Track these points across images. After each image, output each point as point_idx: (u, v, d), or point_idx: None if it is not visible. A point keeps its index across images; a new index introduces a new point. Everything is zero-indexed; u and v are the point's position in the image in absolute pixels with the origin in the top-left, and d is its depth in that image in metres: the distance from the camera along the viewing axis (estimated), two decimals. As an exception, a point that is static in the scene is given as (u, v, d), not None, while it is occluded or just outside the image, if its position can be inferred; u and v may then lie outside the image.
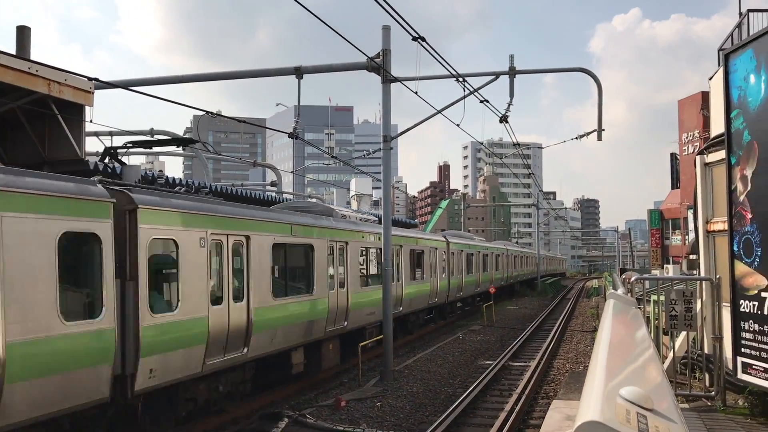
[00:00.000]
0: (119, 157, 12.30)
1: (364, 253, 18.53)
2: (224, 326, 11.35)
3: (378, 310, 18.11)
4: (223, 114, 29.86)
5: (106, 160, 12.78)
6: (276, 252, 13.48)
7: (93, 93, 11.38)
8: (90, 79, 11.23)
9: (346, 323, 16.69)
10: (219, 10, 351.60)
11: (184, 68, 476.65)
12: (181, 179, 18.00)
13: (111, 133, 25.05)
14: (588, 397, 2.36)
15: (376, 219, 21.47)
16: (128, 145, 12.68)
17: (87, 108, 11.60)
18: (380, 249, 18.22)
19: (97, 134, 24.38)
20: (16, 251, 7.67)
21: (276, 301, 13.24)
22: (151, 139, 14.29)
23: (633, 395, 2.28)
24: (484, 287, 35.06)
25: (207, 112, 15.13)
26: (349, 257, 17.15)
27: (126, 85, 15.67)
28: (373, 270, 19.19)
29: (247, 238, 12.24)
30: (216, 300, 11.26)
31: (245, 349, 12.02)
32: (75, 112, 11.50)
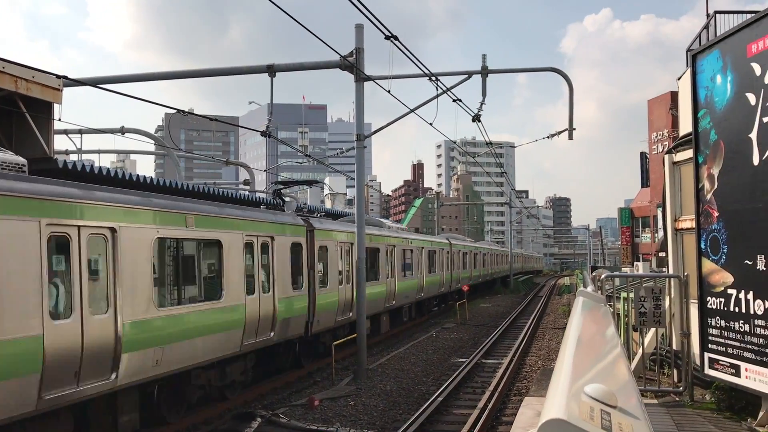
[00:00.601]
0: (281, 194, 18.98)
1: (404, 252, 25.83)
2: (344, 298, 18.63)
3: (413, 293, 26.76)
4: (195, 112, 29.57)
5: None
6: None
7: (62, 91, 11.20)
8: (59, 76, 11.05)
9: (394, 302, 24.02)
10: (191, 6, 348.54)
11: (156, 66, 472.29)
12: (315, 206, 26.75)
13: (81, 131, 24.71)
14: (553, 394, 2.39)
15: (405, 228, 33.88)
16: (278, 184, 19.92)
17: (56, 106, 11.41)
18: (412, 249, 26.75)
19: (66, 132, 24.03)
20: (279, 254, 14.65)
21: None
22: (290, 180, 22.34)
23: (597, 392, 2.30)
24: (475, 280, 42.93)
25: (179, 111, 14.98)
26: (396, 256, 24.38)
27: (95, 82, 15.47)
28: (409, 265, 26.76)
29: (351, 244, 19.00)
30: (340, 282, 18.52)
31: (351, 314, 18.90)
32: (43, 110, 11.29)
